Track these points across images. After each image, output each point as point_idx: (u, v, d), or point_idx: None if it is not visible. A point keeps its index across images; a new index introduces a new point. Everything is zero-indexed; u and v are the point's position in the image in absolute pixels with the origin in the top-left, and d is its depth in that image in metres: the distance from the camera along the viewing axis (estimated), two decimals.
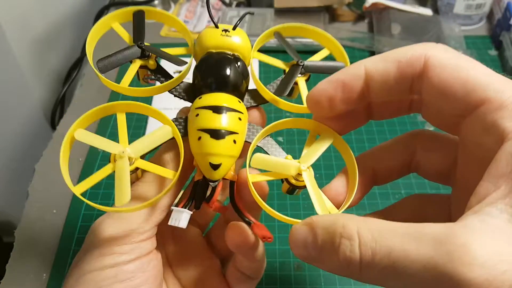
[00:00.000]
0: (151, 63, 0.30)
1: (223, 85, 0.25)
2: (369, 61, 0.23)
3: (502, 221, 0.17)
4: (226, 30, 0.28)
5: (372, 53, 0.59)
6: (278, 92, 0.28)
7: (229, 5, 0.68)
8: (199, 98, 0.26)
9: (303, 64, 0.31)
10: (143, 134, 0.50)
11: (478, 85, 0.20)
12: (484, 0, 0.60)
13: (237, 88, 0.26)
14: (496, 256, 0.16)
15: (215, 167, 0.23)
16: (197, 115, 0.24)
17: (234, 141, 0.24)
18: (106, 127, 0.51)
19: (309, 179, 0.25)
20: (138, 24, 0.27)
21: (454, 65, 0.21)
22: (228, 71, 0.25)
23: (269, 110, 0.37)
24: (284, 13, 0.63)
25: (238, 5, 0.69)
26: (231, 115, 0.24)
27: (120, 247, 0.24)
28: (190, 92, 0.28)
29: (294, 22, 0.32)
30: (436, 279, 0.16)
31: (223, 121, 0.24)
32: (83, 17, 0.76)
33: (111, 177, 0.47)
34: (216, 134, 0.24)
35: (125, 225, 0.24)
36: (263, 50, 0.64)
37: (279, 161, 0.25)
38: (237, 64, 0.26)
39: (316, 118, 0.27)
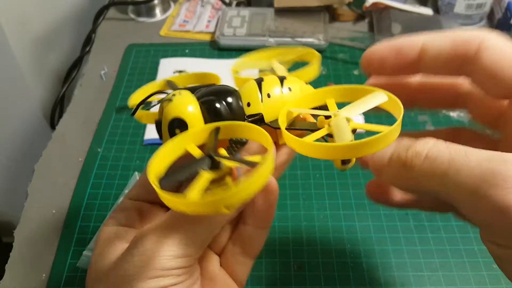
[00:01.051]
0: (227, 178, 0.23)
1: None
2: (427, 36, 0.25)
3: None
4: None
5: None
6: None
7: (229, 4, 0.68)
8: None
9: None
10: (143, 134, 0.50)
11: None
12: (484, 0, 0.60)
13: None
14: None
15: None
16: None
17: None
18: (105, 128, 0.51)
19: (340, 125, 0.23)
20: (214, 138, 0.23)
21: (506, 47, 0.23)
22: None
23: None
24: (284, 12, 0.63)
25: (238, 4, 0.69)
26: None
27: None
28: None
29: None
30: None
31: None
32: (82, 17, 0.76)
33: (111, 177, 0.47)
34: None
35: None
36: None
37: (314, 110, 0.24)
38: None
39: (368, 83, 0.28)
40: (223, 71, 0.58)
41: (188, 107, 0.24)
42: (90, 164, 0.47)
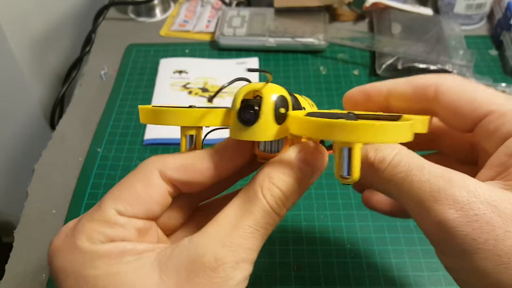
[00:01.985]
0: None
1: None
2: (393, 82, 0.28)
3: (493, 185, 0.22)
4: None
5: (373, 53, 0.59)
6: None
7: (229, 4, 0.68)
8: None
9: None
10: (143, 134, 0.50)
11: (483, 101, 0.25)
12: (484, 0, 0.60)
13: None
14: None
15: None
16: None
17: None
18: (105, 128, 0.51)
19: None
20: None
21: (461, 89, 0.26)
22: None
23: None
24: (284, 12, 0.63)
25: (238, 4, 0.69)
26: None
27: None
28: None
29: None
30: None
31: None
32: (82, 17, 0.76)
33: (111, 178, 0.47)
34: None
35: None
36: (264, 50, 0.65)
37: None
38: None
39: None
40: (223, 71, 0.58)
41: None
42: (90, 164, 0.47)
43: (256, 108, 0.23)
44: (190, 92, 0.55)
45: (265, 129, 0.23)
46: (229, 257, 0.21)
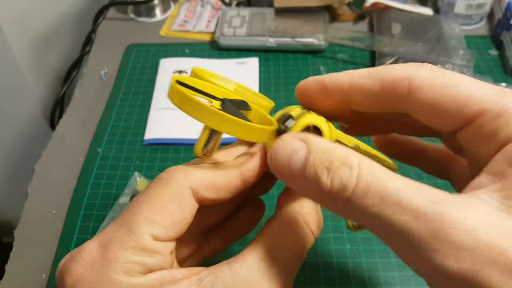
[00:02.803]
0: None
1: None
2: (356, 75, 0.23)
3: (491, 205, 0.17)
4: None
5: (373, 53, 0.59)
6: None
7: (229, 4, 0.68)
8: None
9: None
10: (143, 134, 0.50)
11: (470, 98, 0.20)
12: (484, 0, 0.60)
13: None
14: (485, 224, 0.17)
15: None
16: None
17: None
18: (105, 128, 0.51)
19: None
20: None
21: (440, 84, 0.21)
22: None
23: None
24: (284, 12, 0.63)
25: (238, 4, 0.69)
26: None
27: None
28: None
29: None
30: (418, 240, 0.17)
31: None
32: (82, 17, 0.76)
33: (111, 177, 0.47)
34: None
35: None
36: (264, 50, 0.65)
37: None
38: None
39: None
40: (223, 71, 0.58)
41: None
42: (90, 164, 0.47)
43: None
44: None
45: None
46: None
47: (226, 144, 0.27)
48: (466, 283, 0.16)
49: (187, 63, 0.59)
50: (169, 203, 0.21)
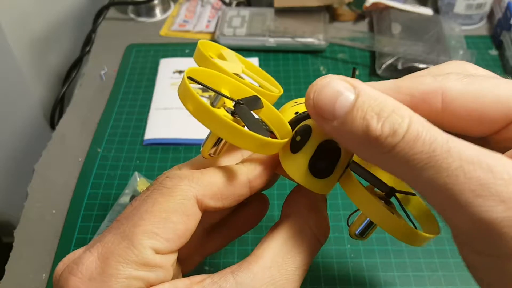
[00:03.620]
0: None
1: None
2: (381, 89, 0.21)
3: None
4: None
5: (373, 53, 0.59)
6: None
7: (229, 4, 0.68)
8: None
9: None
10: (143, 134, 0.50)
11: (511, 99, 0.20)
12: (484, 0, 0.60)
13: None
14: None
15: None
16: None
17: None
18: (105, 128, 0.51)
19: None
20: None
21: (476, 90, 0.20)
22: None
23: None
24: (284, 12, 0.63)
25: (238, 4, 0.69)
26: None
27: None
28: None
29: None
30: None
31: None
32: (82, 17, 0.75)
33: (111, 178, 0.47)
34: None
35: None
36: (264, 50, 0.65)
37: None
38: None
39: None
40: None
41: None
42: (90, 164, 0.47)
43: (335, 163, 0.22)
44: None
45: (330, 184, 0.22)
46: None
47: None
48: (510, 233, 0.16)
49: (187, 63, 0.59)
50: (173, 215, 0.20)
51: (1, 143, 0.68)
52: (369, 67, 0.58)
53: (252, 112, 0.23)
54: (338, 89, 0.19)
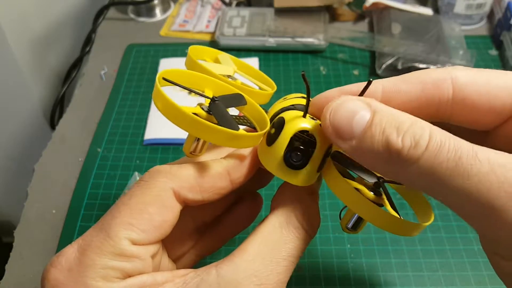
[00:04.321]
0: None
1: None
2: (388, 82, 0.22)
3: None
4: None
5: (373, 53, 0.59)
6: None
7: (229, 4, 0.68)
8: None
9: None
10: (143, 134, 0.50)
11: None
12: (484, 0, 0.60)
13: None
14: None
15: None
16: None
17: None
18: (105, 128, 0.51)
19: None
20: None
21: (486, 77, 0.20)
22: None
23: None
24: (284, 12, 0.63)
25: (238, 4, 0.69)
26: None
27: None
28: None
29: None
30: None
31: None
32: (82, 17, 0.75)
33: (111, 177, 0.47)
34: None
35: None
36: (264, 50, 0.65)
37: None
38: None
39: None
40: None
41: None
42: (90, 164, 0.47)
43: (309, 154, 0.22)
44: (190, 92, 0.55)
45: (308, 175, 0.22)
46: None
47: None
48: None
49: None
50: (149, 206, 0.21)
51: (1, 143, 0.68)
52: (369, 67, 0.58)
53: (230, 108, 0.23)
54: (354, 108, 0.19)
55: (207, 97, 0.23)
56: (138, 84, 0.57)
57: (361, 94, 0.21)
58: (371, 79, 0.21)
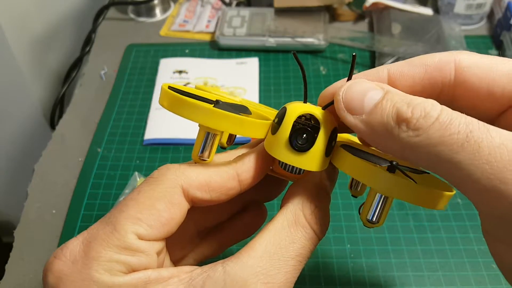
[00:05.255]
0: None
1: None
2: (393, 65, 0.23)
3: None
4: None
5: (373, 53, 0.59)
6: None
7: (229, 4, 0.68)
8: None
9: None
10: (143, 134, 0.50)
11: None
12: (484, 0, 0.60)
13: None
14: None
15: None
16: None
17: None
18: (105, 128, 0.51)
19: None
20: None
21: (489, 60, 0.20)
22: None
23: None
24: (284, 12, 0.63)
25: (238, 4, 0.69)
26: None
27: None
28: None
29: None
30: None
31: None
32: (82, 17, 0.75)
33: (111, 178, 0.47)
34: None
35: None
36: (264, 50, 0.65)
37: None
38: None
39: None
40: (223, 71, 0.58)
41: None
42: (90, 164, 0.47)
43: (313, 136, 0.22)
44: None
45: (316, 159, 0.22)
46: None
47: (238, 144, 0.27)
48: None
49: (187, 63, 0.59)
50: (157, 202, 0.20)
51: (1, 143, 0.68)
52: (369, 67, 0.58)
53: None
54: (367, 87, 0.20)
55: (211, 101, 0.23)
56: (138, 84, 0.57)
57: (351, 69, 0.21)
58: (354, 54, 0.21)
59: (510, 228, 0.17)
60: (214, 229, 0.28)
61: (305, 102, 0.23)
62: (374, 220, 0.22)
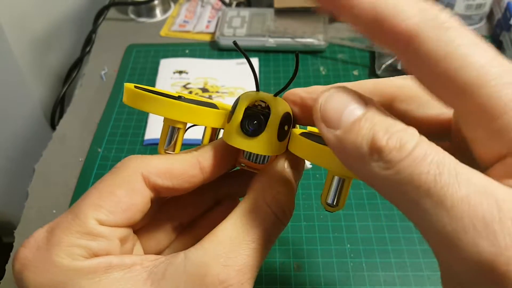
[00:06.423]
0: None
1: None
2: (382, 81, 0.22)
3: None
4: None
5: (372, 53, 0.59)
6: None
7: (229, 5, 0.68)
8: None
9: None
10: (143, 134, 0.50)
11: (467, 77, 0.16)
12: (484, 0, 0.60)
13: None
14: None
15: None
16: None
17: None
18: (106, 128, 0.51)
19: None
20: None
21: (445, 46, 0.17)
22: None
23: None
24: (284, 13, 0.63)
25: (238, 5, 0.69)
26: None
27: None
28: None
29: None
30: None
31: None
32: (83, 17, 0.76)
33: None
34: None
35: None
36: (264, 50, 0.65)
37: None
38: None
39: None
40: (223, 71, 0.58)
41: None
42: (90, 164, 0.47)
43: (262, 120, 0.22)
44: (190, 92, 0.55)
45: (268, 143, 0.23)
46: (234, 278, 0.19)
47: None
48: None
49: (187, 64, 0.59)
50: (117, 189, 0.21)
51: (1, 143, 0.68)
52: (369, 67, 0.58)
53: None
54: (350, 99, 0.18)
55: (175, 98, 0.24)
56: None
57: (295, 70, 0.22)
58: (297, 52, 0.22)
59: (467, 283, 0.16)
60: (190, 224, 0.28)
61: (257, 90, 0.23)
62: (333, 203, 0.22)
